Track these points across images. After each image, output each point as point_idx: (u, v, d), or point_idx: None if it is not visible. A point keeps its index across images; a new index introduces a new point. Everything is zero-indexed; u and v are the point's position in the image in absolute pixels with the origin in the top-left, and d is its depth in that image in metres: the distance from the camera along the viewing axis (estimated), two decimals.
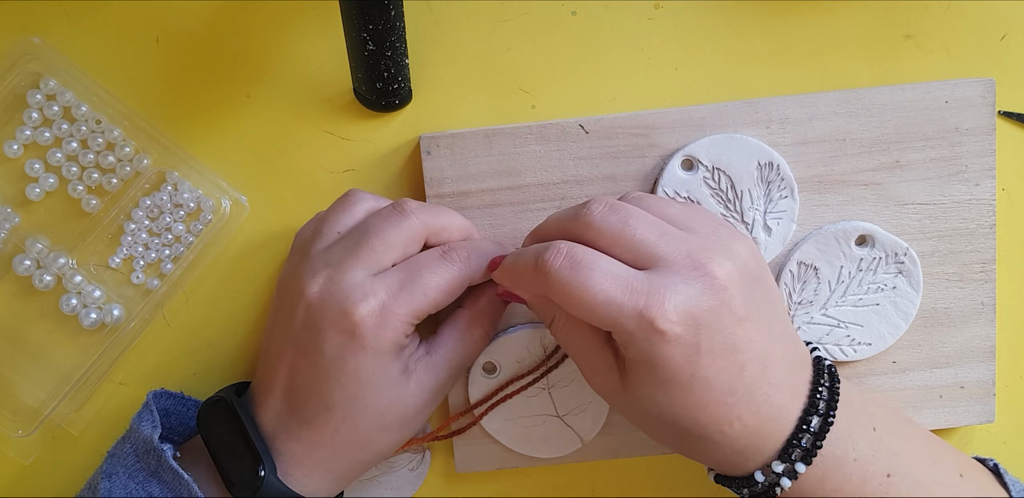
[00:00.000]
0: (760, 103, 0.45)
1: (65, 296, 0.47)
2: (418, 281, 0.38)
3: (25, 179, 0.47)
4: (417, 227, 0.40)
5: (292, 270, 0.41)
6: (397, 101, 0.46)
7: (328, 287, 0.38)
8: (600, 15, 0.47)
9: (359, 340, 0.38)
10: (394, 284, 0.38)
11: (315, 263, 0.40)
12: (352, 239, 0.40)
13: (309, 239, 0.42)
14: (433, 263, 0.39)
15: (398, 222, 0.39)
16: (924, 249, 0.47)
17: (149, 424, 0.41)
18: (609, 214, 0.36)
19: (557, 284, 0.35)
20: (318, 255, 0.40)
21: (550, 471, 0.50)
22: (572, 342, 0.38)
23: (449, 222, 0.41)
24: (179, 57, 0.47)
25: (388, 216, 0.40)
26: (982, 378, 0.48)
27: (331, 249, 0.40)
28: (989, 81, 0.45)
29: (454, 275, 0.39)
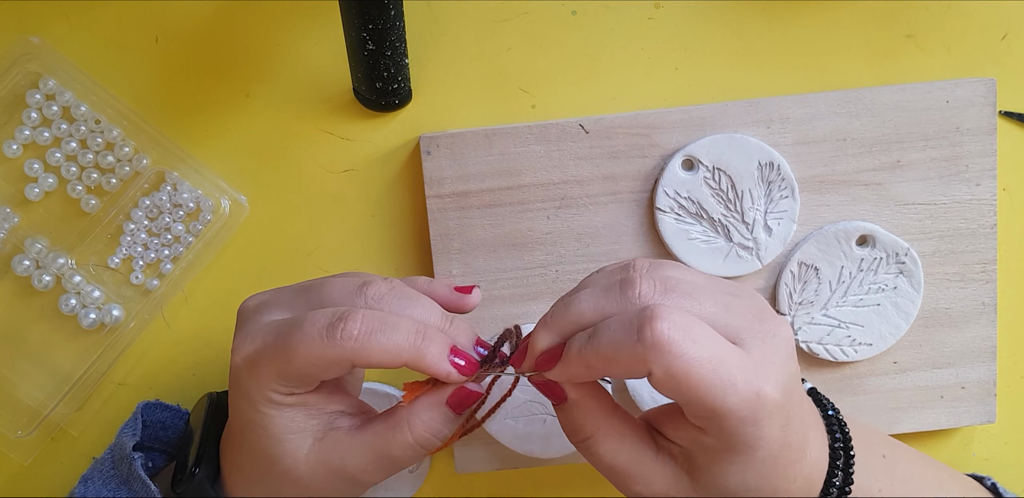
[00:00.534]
0: (760, 103, 0.45)
1: (64, 296, 0.47)
2: (286, 342, 0.33)
3: (24, 179, 0.47)
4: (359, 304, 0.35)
5: None
6: (397, 101, 0.46)
7: (247, 315, 0.36)
8: (600, 15, 0.47)
9: (236, 379, 0.35)
10: (271, 336, 0.34)
11: (275, 290, 0.38)
12: (311, 284, 0.36)
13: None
14: (310, 332, 0.33)
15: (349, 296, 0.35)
16: (925, 249, 0.47)
17: (129, 432, 0.41)
18: (666, 295, 0.32)
19: (678, 363, 0.30)
20: (290, 286, 0.38)
21: (550, 471, 0.50)
22: (619, 455, 0.34)
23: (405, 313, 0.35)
24: (179, 57, 0.47)
25: (347, 286, 0.35)
26: (983, 378, 0.48)
27: (296, 284, 0.38)
28: (990, 81, 0.45)
29: (326, 353, 0.32)
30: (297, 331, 0.33)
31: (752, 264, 0.46)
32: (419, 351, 0.33)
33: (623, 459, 0.34)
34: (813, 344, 0.47)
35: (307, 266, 0.48)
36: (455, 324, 0.35)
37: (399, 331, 0.33)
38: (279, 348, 0.33)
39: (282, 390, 0.34)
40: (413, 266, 0.48)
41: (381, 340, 0.33)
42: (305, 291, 0.36)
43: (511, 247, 0.46)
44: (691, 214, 0.45)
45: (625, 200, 0.46)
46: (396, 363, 0.33)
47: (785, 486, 0.34)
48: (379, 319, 0.33)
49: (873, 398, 0.48)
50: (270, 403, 0.35)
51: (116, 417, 0.48)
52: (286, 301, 0.36)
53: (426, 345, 0.33)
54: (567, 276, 0.46)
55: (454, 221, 0.46)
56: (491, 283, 0.46)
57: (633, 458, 0.34)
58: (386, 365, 0.33)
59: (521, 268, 0.46)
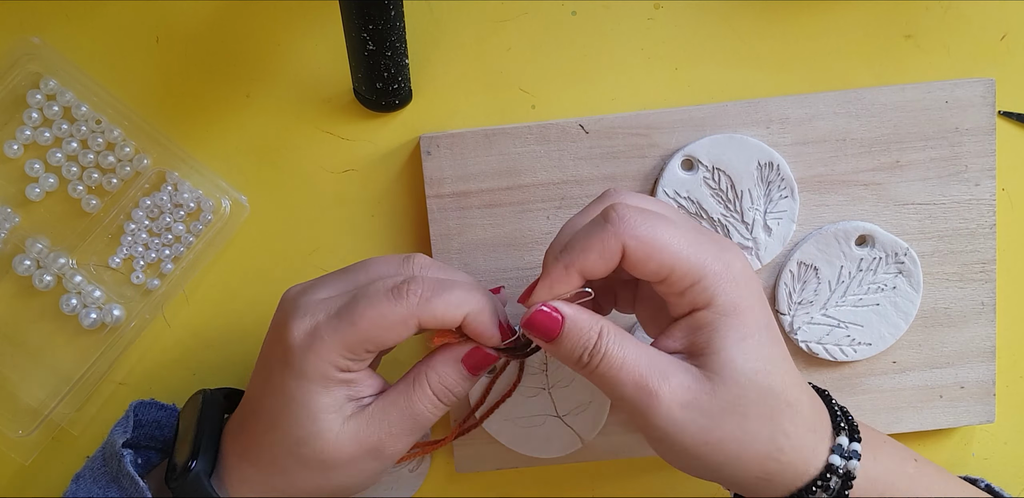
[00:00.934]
0: (760, 103, 0.45)
1: (65, 296, 0.47)
2: (352, 309, 0.35)
3: (25, 179, 0.47)
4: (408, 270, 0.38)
5: None
6: (397, 101, 0.46)
7: (294, 297, 0.37)
8: (600, 15, 0.47)
9: (287, 357, 0.36)
10: (332, 308, 0.36)
11: (317, 279, 0.39)
12: (353, 268, 0.38)
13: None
14: (375, 294, 0.35)
15: (394, 268, 0.37)
16: (924, 249, 0.47)
17: (120, 430, 0.41)
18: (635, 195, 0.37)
19: (644, 230, 0.34)
20: (332, 273, 0.39)
21: (550, 471, 0.50)
22: (628, 352, 0.34)
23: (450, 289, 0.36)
24: (179, 57, 0.47)
25: (390, 261, 0.38)
26: (982, 378, 0.48)
27: (338, 271, 0.39)
28: (989, 81, 0.45)
29: (395, 311, 0.34)
30: (363, 297, 0.35)
31: (752, 264, 0.46)
32: (480, 304, 0.36)
33: (635, 353, 0.34)
34: (812, 344, 0.47)
35: (307, 266, 0.48)
36: (491, 296, 0.37)
37: (459, 287, 0.36)
38: (344, 316, 0.35)
39: (341, 363, 0.35)
40: None
41: (445, 295, 0.35)
42: (349, 272, 0.38)
43: (511, 247, 0.46)
44: (691, 214, 0.46)
45: None
46: (458, 318, 0.35)
47: (792, 391, 0.35)
48: (439, 282, 0.36)
49: (872, 398, 0.48)
50: (323, 379, 0.35)
51: (116, 417, 0.48)
52: (331, 283, 0.37)
53: (485, 300, 0.36)
54: None
55: (454, 221, 0.46)
56: (491, 283, 0.46)
57: (644, 352, 0.35)
58: (447, 322, 0.35)
59: (521, 268, 0.47)
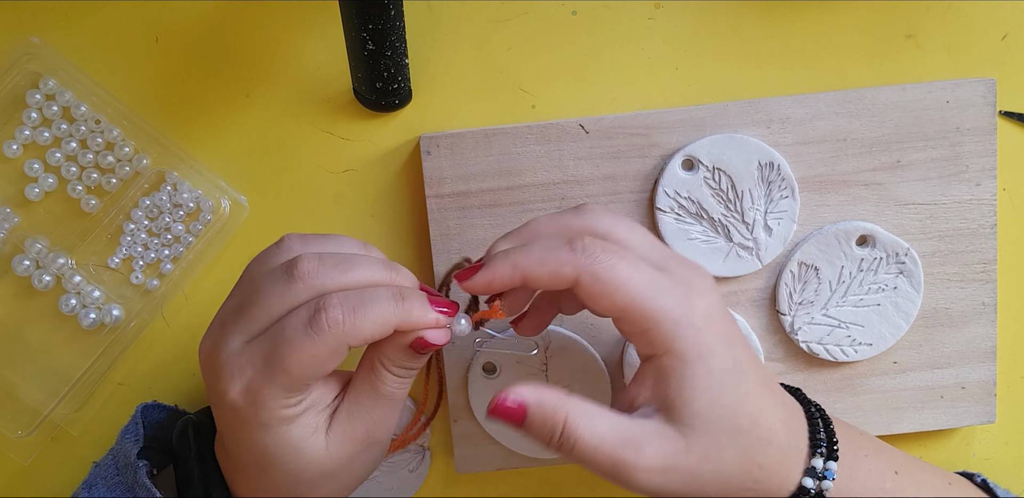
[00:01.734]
0: (760, 103, 0.45)
1: (64, 296, 0.47)
2: (278, 357, 0.33)
3: (24, 179, 0.47)
4: (303, 293, 0.34)
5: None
6: (397, 101, 0.46)
7: (211, 355, 0.35)
8: (600, 15, 0.47)
9: (238, 416, 0.35)
10: (258, 359, 0.34)
11: (216, 318, 0.37)
12: (242, 295, 0.36)
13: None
14: (294, 335, 0.33)
15: (283, 290, 0.35)
16: (925, 249, 0.47)
17: (132, 438, 0.41)
18: (609, 218, 0.36)
19: (603, 266, 0.33)
20: (224, 305, 0.37)
21: (550, 471, 0.50)
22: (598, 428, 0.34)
23: (351, 280, 0.35)
24: (179, 57, 0.47)
25: (275, 279, 0.35)
26: (983, 378, 0.48)
27: (229, 302, 0.37)
28: (990, 81, 0.45)
29: (320, 347, 0.33)
30: (281, 341, 0.33)
31: (752, 264, 0.46)
32: (405, 312, 0.34)
33: (605, 428, 0.34)
34: (813, 344, 0.47)
35: None
36: (399, 271, 0.36)
37: (377, 300, 0.34)
38: (272, 365, 0.33)
39: (291, 402, 0.35)
40: (413, 266, 0.48)
41: (367, 314, 0.33)
42: (243, 307, 0.35)
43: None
44: (691, 214, 0.45)
45: (625, 200, 0.46)
46: (387, 331, 0.34)
47: (766, 422, 0.35)
48: (354, 297, 0.34)
49: (873, 398, 0.48)
50: (281, 421, 0.35)
51: (116, 417, 0.48)
52: (237, 324, 0.35)
53: (408, 304, 0.34)
54: None
55: (454, 221, 0.46)
56: None
57: (614, 425, 0.34)
58: (378, 337, 0.34)
59: None
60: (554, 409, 0.34)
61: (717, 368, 0.34)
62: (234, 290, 0.37)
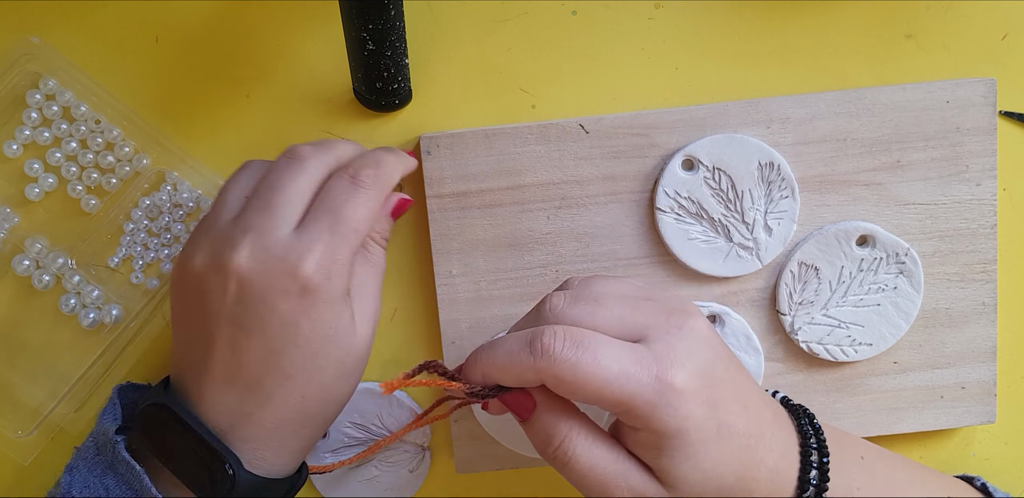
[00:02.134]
0: (760, 103, 0.45)
1: (64, 296, 0.47)
2: (344, 221, 0.37)
3: (24, 179, 0.47)
4: (317, 169, 0.39)
5: (201, 247, 0.38)
6: (397, 101, 0.46)
7: (258, 254, 0.36)
8: (600, 15, 0.47)
9: (312, 297, 0.36)
10: (324, 231, 0.37)
11: (229, 233, 0.37)
12: (260, 199, 0.38)
13: (211, 214, 0.39)
14: (349, 196, 0.38)
15: (298, 170, 0.39)
16: (925, 249, 0.47)
17: (111, 417, 0.40)
18: (574, 304, 0.35)
19: (563, 366, 0.32)
20: (227, 225, 0.38)
21: (550, 471, 0.50)
22: (595, 452, 0.35)
23: (343, 152, 0.41)
24: (179, 57, 0.47)
25: (286, 167, 0.39)
26: (983, 378, 0.48)
27: (242, 216, 0.38)
28: (990, 81, 0.45)
29: (374, 199, 0.39)
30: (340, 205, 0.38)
31: (752, 264, 0.46)
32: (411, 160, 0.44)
33: (601, 455, 0.34)
34: (813, 344, 0.47)
35: None
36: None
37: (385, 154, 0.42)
38: (342, 228, 0.38)
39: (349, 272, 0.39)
40: (413, 266, 0.48)
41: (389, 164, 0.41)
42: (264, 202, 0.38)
43: (511, 247, 0.46)
44: (691, 214, 0.45)
45: (625, 200, 0.46)
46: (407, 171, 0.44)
47: (750, 474, 0.35)
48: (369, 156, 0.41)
49: (873, 398, 0.48)
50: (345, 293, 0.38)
51: None
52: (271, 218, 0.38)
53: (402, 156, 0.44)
54: (567, 276, 0.46)
55: (454, 221, 0.46)
56: (491, 283, 0.46)
57: (609, 455, 0.34)
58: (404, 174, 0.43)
59: (521, 268, 0.46)
60: (558, 420, 0.35)
61: (697, 438, 0.33)
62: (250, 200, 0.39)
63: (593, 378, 0.32)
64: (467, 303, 0.47)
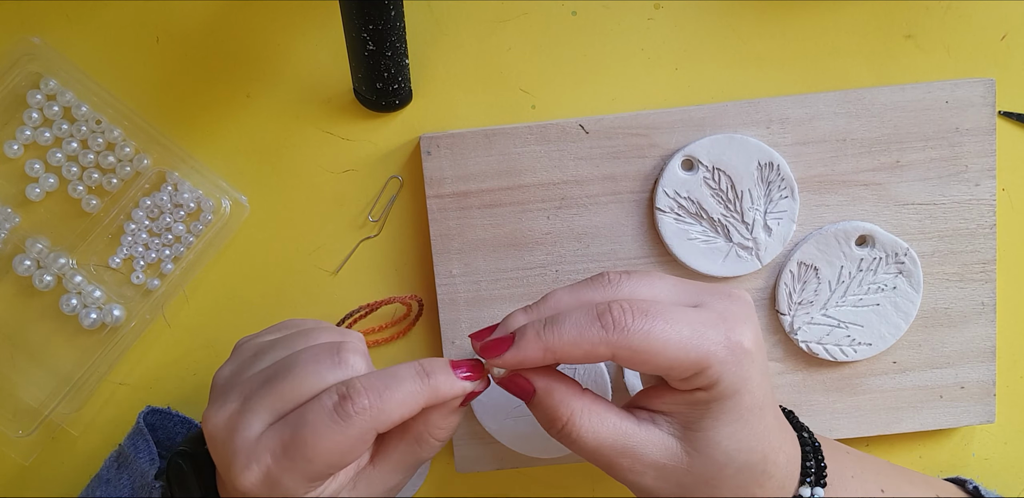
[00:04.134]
0: (760, 103, 0.45)
1: (65, 296, 0.47)
2: (300, 445, 0.31)
3: (25, 179, 0.47)
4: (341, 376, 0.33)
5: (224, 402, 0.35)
6: (397, 101, 0.46)
7: (226, 435, 0.33)
8: (600, 15, 0.47)
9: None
10: (275, 446, 0.32)
11: (227, 391, 0.35)
12: (272, 370, 0.34)
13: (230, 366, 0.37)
14: (318, 421, 0.31)
15: (331, 370, 0.33)
16: (924, 249, 0.47)
17: (146, 457, 0.39)
18: (630, 277, 0.35)
19: (637, 337, 0.32)
20: (235, 378, 0.35)
21: (550, 471, 0.50)
22: (602, 430, 0.34)
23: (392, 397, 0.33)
24: (179, 57, 0.47)
25: (320, 357, 0.34)
26: (982, 378, 0.48)
27: (250, 376, 0.35)
28: (989, 81, 0.45)
29: (351, 436, 0.32)
30: (303, 428, 0.32)
31: (752, 264, 0.46)
32: (433, 389, 0.33)
33: (607, 433, 0.34)
34: (813, 344, 0.47)
35: (307, 266, 0.48)
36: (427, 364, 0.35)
37: (402, 379, 0.33)
38: (295, 454, 0.32)
39: (313, 485, 0.33)
40: (413, 266, 0.48)
41: (394, 396, 0.32)
42: (272, 382, 0.33)
43: (511, 247, 0.46)
44: (691, 214, 0.46)
45: (625, 200, 0.46)
46: (416, 411, 0.33)
47: (773, 456, 0.35)
48: (377, 378, 0.32)
49: (873, 398, 0.48)
50: None
51: (116, 417, 0.48)
52: (256, 404, 0.33)
53: (434, 380, 0.33)
54: (567, 276, 0.47)
55: (454, 221, 0.46)
56: (491, 283, 0.46)
57: (617, 431, 0.34)
58: (407, 418, 0.33)
59: (521, 268, 0.47)
60: (560, 402, 0.34)
61: (748, 404, 0.34)
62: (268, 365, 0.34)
63: (668, 345, 0.32)
64: (467, 303, 0.47)
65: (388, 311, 0.48)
